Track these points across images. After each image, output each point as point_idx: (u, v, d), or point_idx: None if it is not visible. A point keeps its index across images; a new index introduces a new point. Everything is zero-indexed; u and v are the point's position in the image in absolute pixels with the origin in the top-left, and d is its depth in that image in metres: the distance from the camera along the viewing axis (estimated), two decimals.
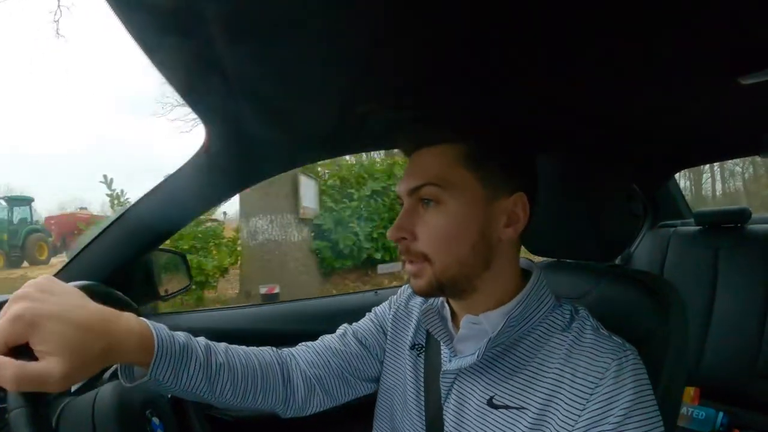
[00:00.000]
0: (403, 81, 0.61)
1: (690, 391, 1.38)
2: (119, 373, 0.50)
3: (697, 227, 1.56)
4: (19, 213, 10.40)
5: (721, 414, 1.31)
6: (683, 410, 1.34)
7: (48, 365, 0.37)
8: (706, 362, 1.41)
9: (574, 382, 0.48)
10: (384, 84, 0.63)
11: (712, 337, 1.43)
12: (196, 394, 0.52)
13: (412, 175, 0.55)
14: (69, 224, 11.16)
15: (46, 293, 0.41)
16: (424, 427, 0.59)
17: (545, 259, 0.79)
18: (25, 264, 10.01)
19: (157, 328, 0.49)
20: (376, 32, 0.48)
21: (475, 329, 0.55)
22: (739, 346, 1.37)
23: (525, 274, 0.58)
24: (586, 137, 1.07)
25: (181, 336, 0.52)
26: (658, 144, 1.34)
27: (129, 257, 0.87)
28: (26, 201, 10.65)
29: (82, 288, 0.65)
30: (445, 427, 0.56)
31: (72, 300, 0.42)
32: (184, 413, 0.75)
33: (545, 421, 0.48)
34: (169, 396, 0.66)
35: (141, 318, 0.49)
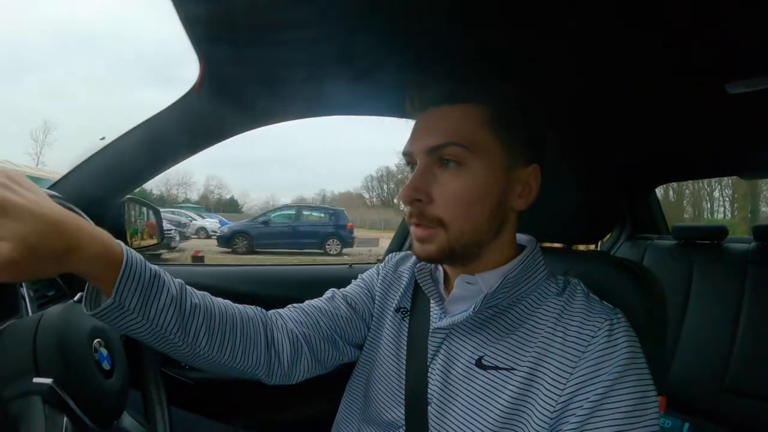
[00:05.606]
0: (429, 35, 0.58)
1: None
2: (84, 297, 0.45)
3: (674, 242, 1.59)
4: None
5: (687, 425, 1.32)
6: None
7: None
8: (674, 374, 1.43)
9: (566, 342, 0.46)
10: (403, 37, 0.60)
11: (681, 350, 1.45)
12: (165, 336, 0.46)
13: (430, 132, 0.51)
14: None
15: (17, 184, 0.38)
16: (403, 391, 0.56)
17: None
18: None
19: (127, 247, 0.44)
20: None
21: (469, 289, 0.54)
22: (708, 360, 1.39)
23: (518, 248, 0.58)
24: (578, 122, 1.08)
25: (153, 266, 0.46)
26: (641, 155, 1.38)
27: (104, 192, 0.82)
28: None
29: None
30: (429, 389, 0.53)
31: (40, 196, 0.40)
32: (138, 356, 0.69)
33: (534, 382, 0.46)
34: (122, 336, 0.60)
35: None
